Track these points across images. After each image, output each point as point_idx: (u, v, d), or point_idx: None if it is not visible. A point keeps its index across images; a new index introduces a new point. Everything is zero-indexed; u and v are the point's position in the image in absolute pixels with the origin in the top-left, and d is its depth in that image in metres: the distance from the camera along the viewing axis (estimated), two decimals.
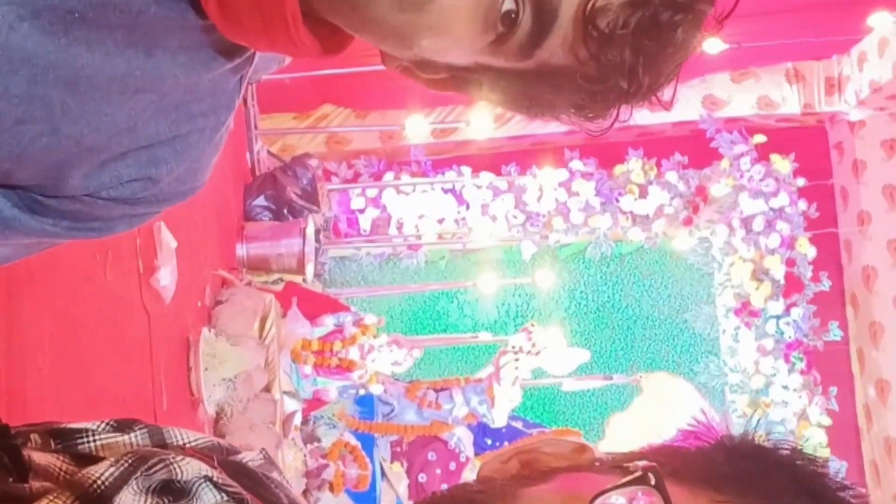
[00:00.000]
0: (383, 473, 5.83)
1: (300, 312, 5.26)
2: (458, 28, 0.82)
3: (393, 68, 0.91)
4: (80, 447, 0.82)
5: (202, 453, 0.81)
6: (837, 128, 7.44)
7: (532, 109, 0.92)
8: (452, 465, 5.99)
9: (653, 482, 0.67)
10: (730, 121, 7.21)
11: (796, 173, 7.18)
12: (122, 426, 0.84)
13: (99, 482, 0.70)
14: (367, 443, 5.71)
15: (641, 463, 0.69)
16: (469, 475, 6.06)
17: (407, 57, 0.87)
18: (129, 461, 0.72)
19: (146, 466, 0.72)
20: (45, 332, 2.75)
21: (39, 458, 0.77)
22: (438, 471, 5.96)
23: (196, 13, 0.87)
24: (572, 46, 0.83)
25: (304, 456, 5.19)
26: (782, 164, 7.15)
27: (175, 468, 0.72)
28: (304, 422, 5.38)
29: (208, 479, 0.74)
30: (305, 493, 5.21)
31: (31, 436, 0.81)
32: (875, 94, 6.85)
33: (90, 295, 3.14)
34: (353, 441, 5.55)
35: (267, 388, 4.73)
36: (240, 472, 0.81)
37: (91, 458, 0.79)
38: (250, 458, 0.86)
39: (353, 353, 5.29)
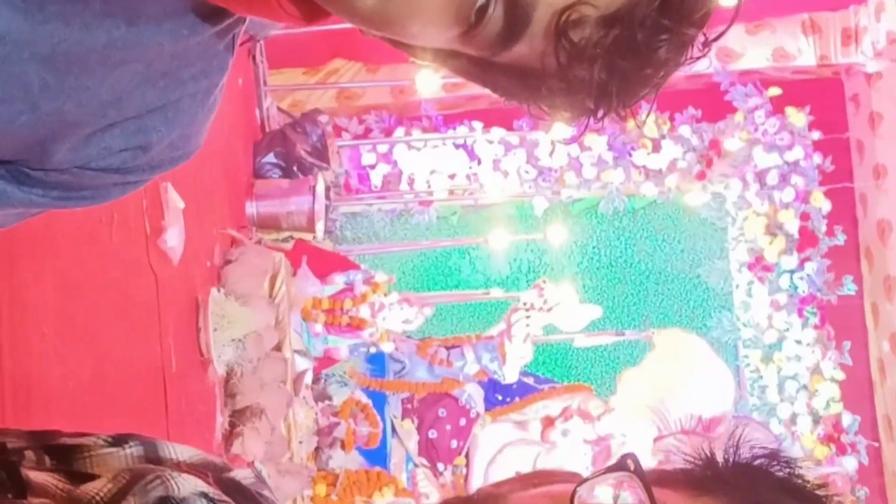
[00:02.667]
0: (394, 430, 5.86)
1: (310, 271, 5.25)
2: (428, 17, 0.78)
3: (368, 36, 0.87)
4: (75, 465, 0.83)
5: (197, 469, 0.82)
6: (853, 80, 7.33)
7: (504, 97, 0.89)
8: (463, 422, 6.01)
9: (632, 468, 0.69)
10: (744, 73, 7.12)
11: (811, 126, 7.11)
12: (118, 441, 0.86)
13: (97, 498, 0.72)
14: (379, 400, 5.73)
15: (621, 454, 0.71)
16: (479, 431, 6.09)
17: (376, 35, 0.85)
18: (126, 478, 0.73)
19: (143, 482, 0.73)
20: (49, 296, 2.75)
21: (36, 476, 0.79)
22: (449, 427, 5.98)
23: None
24: (542, 54, 0.79)
25: (316, 414, 5.21)
26: (797, 118, 7.07)
27: (171, 485, 0.74)
28: (315, 380, 5.40)
29: (204, 495, 0.75)
30: (317, 450, 5.24)
31: (26, 453, 0.83)
32: (892, 46, 6.74)
33: (96, 258, 3.14)
34: (365, 399, 5.57)
35: (277, 348, 4.74)
36: (234, 489, 0.82)
37: (86, 476, 0.80)
38: (243, 475, 0.87)
39: (364, 312, 5.29)
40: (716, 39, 0.83)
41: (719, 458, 0.76)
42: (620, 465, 0.70)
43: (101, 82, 0.86)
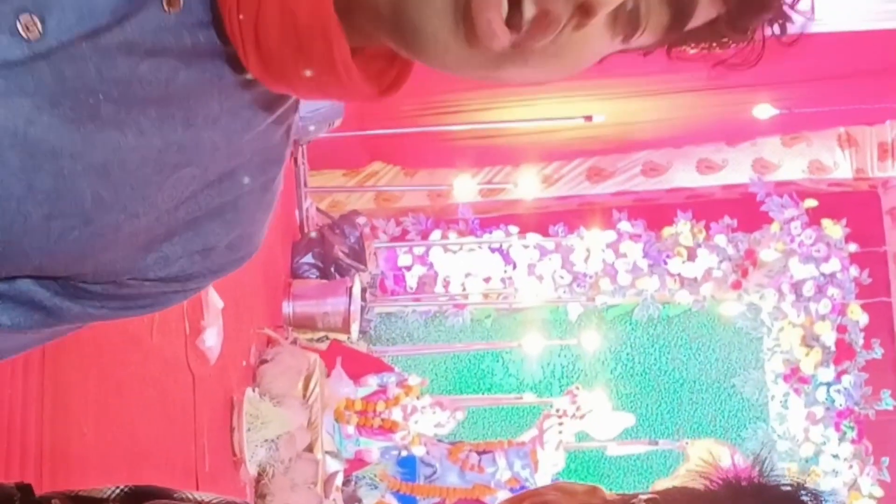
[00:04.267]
0: None
1: (344, 372, 5.27)
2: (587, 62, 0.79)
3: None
4: None
5: None
6: (891, 193, 7.35)
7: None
8: None
9: None
10: (780, 184, 7.15)
11: (848, 239, 7.10)
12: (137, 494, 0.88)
13: None
14: None
15: (645, 496, 0.77)
16: None
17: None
18: None
19: None
20: (91, 395, 2.78)
21: None
22: None
23: (232, 69, 0.81)
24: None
25: None
26: (834, 230, 7.07)
27: None
28: (346, 482, 5.36)
29: None
30: None
31: (53, 501, 0.86)
32: None
33: (136, 358, 3.18)
34: (395, 503, 5.52)
35: (309, 448, 4.73)
36: None
37: None
38: None
39: (396, 414, 5.29)
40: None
41: (744, 482, 0.79)
42: None
43: (157, 190, 0.82)
